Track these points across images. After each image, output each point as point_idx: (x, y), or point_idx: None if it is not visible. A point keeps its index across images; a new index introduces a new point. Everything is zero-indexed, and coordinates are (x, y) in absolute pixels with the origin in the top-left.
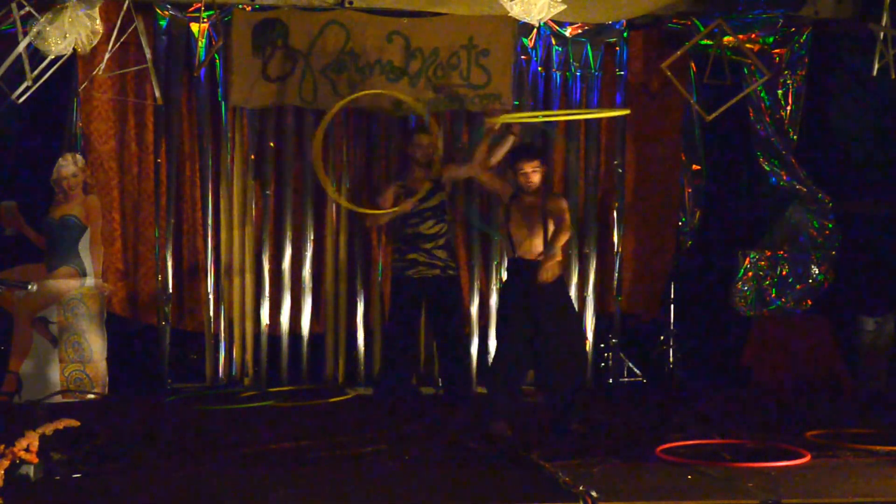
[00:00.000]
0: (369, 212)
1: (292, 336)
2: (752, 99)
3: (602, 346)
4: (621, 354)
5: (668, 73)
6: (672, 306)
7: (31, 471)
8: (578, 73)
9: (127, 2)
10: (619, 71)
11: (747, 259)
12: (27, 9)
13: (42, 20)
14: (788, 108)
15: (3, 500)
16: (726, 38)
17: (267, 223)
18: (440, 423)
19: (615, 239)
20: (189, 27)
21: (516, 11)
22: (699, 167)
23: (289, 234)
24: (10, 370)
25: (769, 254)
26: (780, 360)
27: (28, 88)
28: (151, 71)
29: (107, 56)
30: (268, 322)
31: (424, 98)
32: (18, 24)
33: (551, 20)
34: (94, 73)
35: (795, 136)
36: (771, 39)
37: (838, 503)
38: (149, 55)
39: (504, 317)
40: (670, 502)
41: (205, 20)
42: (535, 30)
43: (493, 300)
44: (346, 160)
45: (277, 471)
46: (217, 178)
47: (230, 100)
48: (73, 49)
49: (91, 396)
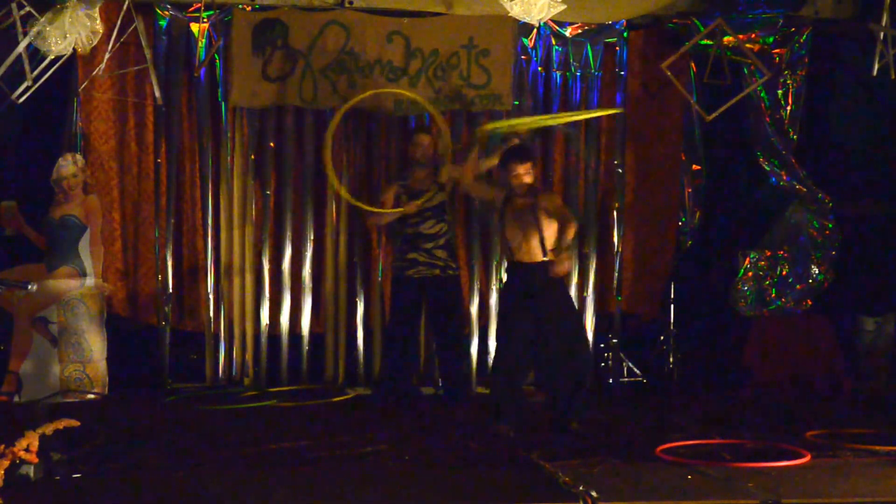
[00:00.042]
0: (375, 210)
1: (292, 336)
2: (752, 99)
3: (602, 346)
4: (621, 354)
5: (668, 73)
6: (672, 306)
7: (31, 471)
8: (578, 73)
9: (127, 2)
10: (619, 71)
11: (747, 259)
12: (27, 9)
13: (42, 20)
14: (788, 108)
15: (3, 500)
16: (726, 38)
17: (267, 223)
18: (440, 423)
19: (615, 239)
20: (189, 27)
21: (516, 11)
22: (699, 167)
23: (289, 234)
24: (10, 370)
25: (769, 254)
26: (780, 360)
27: (28, 88)
28: (151, 71)
29: (107, 56)
30: (268, 322)
31: (425, 98)
32: (18, 24)
33: (551, 20)
34: (94, 73)
35: (795, 136)
36: (771, 39)
37: (838, 503)
38: (149, 55)
39: (505, 318)
40: (670, 502)
41: (205, 20)
42: (535, 30)
43: (493, 300)
44: (346, 160)
45: (277, 471)
46: (217, 178)
47: (230, 100)
48: (73, 49)
49: (91, 396)
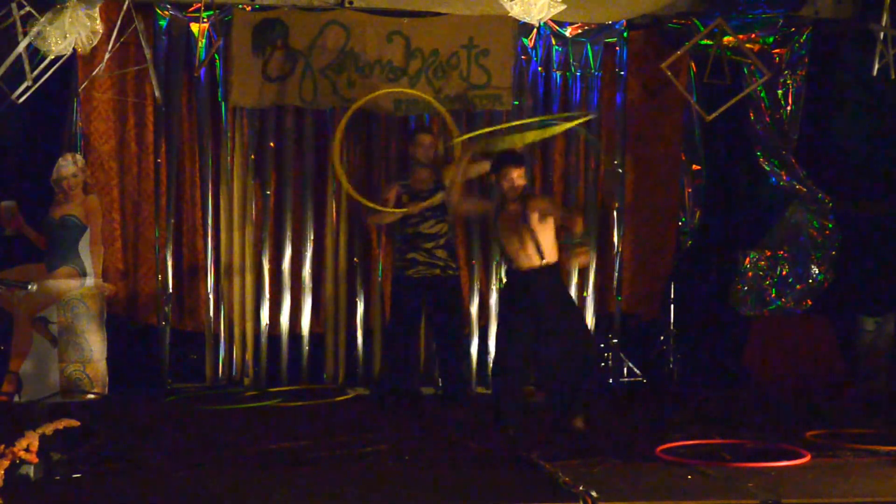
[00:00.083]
0: (380, 209)
1: (292, 336)
2: (752, 99)
3: (602, 346)
4: (621, 354)
5: (668, 73)
6: (672, 306)
7: (31, 471)
8: (578, 73)
9: (127, 2)
10: (619, 71)
11: (747, 259)
12: (27, 9)
13: (42, 20)
14: (788, 108)
15: (3, 500)
16: (726, 38)
17: (267, 223)
18: (440, 423)
19: (615, 239)
20: (189, 27)
21: (516, 11)
22: (699, 167)
23: (289, 234)
24: (10, 370)
25: (769, 254)
26: (780, 360)
27: (28, 88)
28: (151, 71)
29: (107, 56)
30: (268, 322)
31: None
32: (18, 24)
33: (551, 20)
34: (94, 73)
35: (795, 136)
36: (771, 39)
37: (838, 503)
38: (149, 55)
39: (505, 319)
40: (670, 502)
41: (205, 20)
42: (535, 30)
43: (493, 300)
44: (346, 160)
45: (277, 471)
46: (217, 178)
47: (230, 100)
48: (73, 49)
49: (91, 396)
